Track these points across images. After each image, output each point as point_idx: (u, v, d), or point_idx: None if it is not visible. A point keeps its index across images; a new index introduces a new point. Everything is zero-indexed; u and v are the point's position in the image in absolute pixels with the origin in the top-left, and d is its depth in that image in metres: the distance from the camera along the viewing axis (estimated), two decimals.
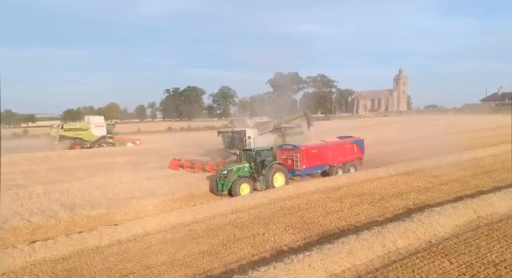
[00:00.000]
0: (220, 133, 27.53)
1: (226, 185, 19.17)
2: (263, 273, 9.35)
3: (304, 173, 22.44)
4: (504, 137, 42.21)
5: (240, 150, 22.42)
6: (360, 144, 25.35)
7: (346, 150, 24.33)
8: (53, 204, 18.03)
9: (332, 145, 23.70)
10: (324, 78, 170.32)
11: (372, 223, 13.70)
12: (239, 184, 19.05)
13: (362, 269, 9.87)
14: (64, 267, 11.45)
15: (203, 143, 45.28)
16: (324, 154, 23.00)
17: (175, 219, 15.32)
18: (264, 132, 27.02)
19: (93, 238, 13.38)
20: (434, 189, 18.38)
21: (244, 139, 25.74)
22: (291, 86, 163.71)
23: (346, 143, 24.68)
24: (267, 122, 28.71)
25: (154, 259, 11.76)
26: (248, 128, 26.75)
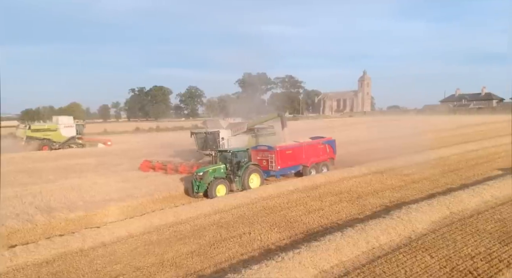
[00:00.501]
0: (193, 134, 27.05)
1: (202, 187, 19.06)
2: (256, 271, 9.58)
3: (279, 174, 22.66)
4: (464, 137, 44.46)
5: (215, 151, 22.22)
6: (332, 144, 25.90)
7: (319, 150, 24.80)
8: (28, 207, 17.52)
9: (305, 146, 24.10)
10: (292, 79, 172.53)
11: (353, 221, 14.23)
12: (215, 185, 18.95)
13: (349, 265, 10.29)
14: (49, 271, 11.26)
15: (174, 143, 44.92)
16: (298, 155, 23.35)
17: (158, 220, 15.29)
18: (238, 133, 26.98)
19: (76, 240, 13.16)
20: (407, 187, 19.22)
21: (218, 140, 25.47)
22: (260, 86, 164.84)
23: (319, 143, 25.16)
24: (240, 123, 28.65)
25: (142, 260, 11.75)
26: (222, 129, 26.50)
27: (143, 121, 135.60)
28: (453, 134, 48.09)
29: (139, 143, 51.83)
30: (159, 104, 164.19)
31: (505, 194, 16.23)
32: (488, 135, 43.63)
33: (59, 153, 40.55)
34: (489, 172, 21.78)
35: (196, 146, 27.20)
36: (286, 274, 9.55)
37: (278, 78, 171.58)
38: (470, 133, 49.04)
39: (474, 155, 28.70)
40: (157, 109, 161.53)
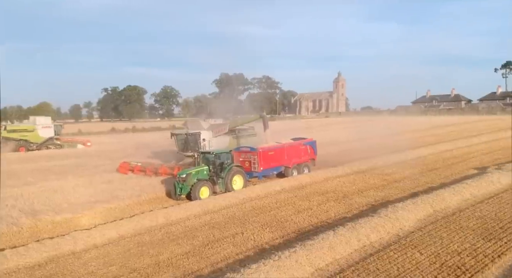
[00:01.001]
0: (173, 135, 26.42)
1: (185, 189, 18.86)
2: (255, 270, 9.79)
3: (261, 175, 22.64)
4: (438, 137, 45.94)
5: (198, 153, 21.91)
6: (313, 145, 26.20)
7: (300, 151, 24.98)
8: (11, 210, 17.08)
9: (287, 147, 24.30)
10: (269, 79, 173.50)
11: (342, 219, 14.67)
12: (198, 187, 18.73)
13: (343, 262, 10.66)
14: (43, 274, 11.17)
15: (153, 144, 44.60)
16: (280, 156, 23.48)
17: (149, 221, 15.29)
18: (219, 135, 26.72)
19: (67, 243, 13.07)
20: (389, 186, 19.85)
21: (199, 141, 25.05)
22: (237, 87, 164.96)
23: (300, 144, 25.37)
24: (222, 124, 28.30)
25: (137, 261, 11.77)
26: (203, 130, 26.04)
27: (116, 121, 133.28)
28: (427, 135, 49.60)
29: (117, 143, 51.04)
30: (133, 104, 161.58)
31: (483, 192, 17.03)
32: (460, 135, 45.20)
33: (37, 154, 39.57)
34: (465, 171, 22.70)
35: (177, 147, 26.64)
36: (284, 272, 9.81)
37: (255, 78, 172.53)
38: (443, 133, 50.69)
39: (449, 154, 29.79)
40: (131, 110, 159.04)
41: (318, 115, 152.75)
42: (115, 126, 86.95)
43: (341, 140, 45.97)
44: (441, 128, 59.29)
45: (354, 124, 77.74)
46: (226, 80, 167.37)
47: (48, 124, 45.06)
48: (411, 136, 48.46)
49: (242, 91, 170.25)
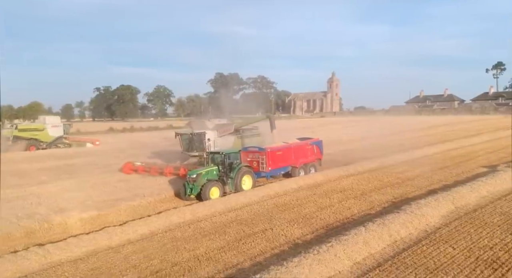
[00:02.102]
0: (178, 135, 26.34)
1: (195, 189, 18.72)
2: (298, 263, 10.17)
3: (269, 175, 22.67)
4: (438, 136, 46.57)
5: (207, 153, 21.57)
6: (319, 144, 26.26)
7: (307, 151, 25.02)
8: (37, 207, 17.44)
9: (294, 147, 24.38)
10: (264, 79, 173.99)
11: (366, 216, 15.12)
12: (209, 187, 18.61)
13: (379, 256, 11.08)
14: (88, 267, 11.49)
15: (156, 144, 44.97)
16: (287, 155, 23.49)
17: (177, 218, 15.62)
18: (224, 135, 26.64)
19: (103, 238, 13.41)
20: (404, 184, 20.34)
21: (204, 141, 24.83)
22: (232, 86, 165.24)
23: (307, 144, 25.42)
24: (227, 125, 28.37)
25: (175, 256, 12.11)
26: (208, 130, 25.87)
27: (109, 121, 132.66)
28: (427, 134, 50.30)
29: (121, 143, 51.13)
30: (126, 104, 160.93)
31: (498, 189, 17.58)
32: (460, 135, 45.94)
33: (45, 153, 39.69)
34: (475, 169, 23.28)
35: (181, 147, 26.58)
36: (325, 265, 10.22)
37: (250, 78, 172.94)
38: (442, 133, 51.45)
39: (455, 153, 30.44)
40: (124, 109, 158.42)
41: (313, 115, 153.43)
42: (112, 126, 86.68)
43: (343, 140, 46.42)
44: (439, 127, 60.15)
45: (352, 124, 78.46)
46: (221, 80, 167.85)
47: (58, 123, 45.28)
48: (411, 135, 49.20)
49: (237, 91, 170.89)
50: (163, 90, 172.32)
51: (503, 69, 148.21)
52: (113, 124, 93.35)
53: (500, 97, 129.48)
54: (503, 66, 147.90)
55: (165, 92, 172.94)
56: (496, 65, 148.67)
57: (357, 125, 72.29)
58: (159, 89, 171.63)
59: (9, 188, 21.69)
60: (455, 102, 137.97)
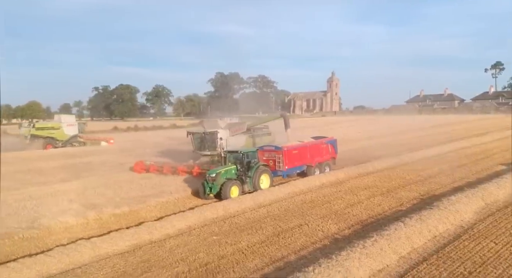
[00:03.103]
0: (190, 134, 26.17)
1: (215, 188, 18.64)
2: (346, 257, 10.41)
3: (286, 174, 22.64)
4: (446, 135, 46.95)
5: (225, 152, 21.25)
6: (334, 143, 26.36)
7: (322, 150, 25.07)
8: (70, 204, 17.64)
9: (310, 145, 24.46)
10: (264, 78, 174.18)
11: (398, 212, 15.42)
12: (229, 186, 18.53)
13: (422, 251, 11.32)
14: (136, 260, 11.76)
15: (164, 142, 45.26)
16: (303, 154, 23.54)
17: (210, 213, 15.85)
18: (236, 134, 26.51)
19: (144, 233, 13.64)
20: (427, 181, 20.60)
21: (216, 140, 24.72)
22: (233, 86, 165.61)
23: (322, 143, 25.53)
24: (240, 123, 28.29)
25: (220, 249, 12.37)
26: (220, 129, 25.70)
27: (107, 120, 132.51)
28: (434, 133, 50.63)
29: (131, 142, 51.25)
30: (125, 103, 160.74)
31: None
32: (469, 134, 46.29)
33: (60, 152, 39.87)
34: (494, 167, 23.57)
35: (193, 146, 26.51)
36: (373, 259, 10.46)
37: (251, 78, 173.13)
38: (449, 132, 51.84)
39: (469, 151, 30.76)
40: (123, 109, 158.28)
41: (313, 115, 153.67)
42: (117, 125, 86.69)
43: (352, 138, 46.51)
44: (445, 126, 60.49)
45: (356, 123, 78.75)
46: (221, 80, 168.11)
47: (73, 122, 45.66)
48: (418, 134, 49.49)
49: (238, 90, 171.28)
50: (161, 89, 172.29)
51: (501, 69, 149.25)
52: (117, 124, 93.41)
53: (500, 96, 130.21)
54: (501, 66, 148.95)
55: (164, 92, 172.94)
56: (495, 65, 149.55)
57: (361, 125, 72.63)
58: (157, 88, 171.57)
59: (34, 186, 21.92)
60: (455, 102, 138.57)
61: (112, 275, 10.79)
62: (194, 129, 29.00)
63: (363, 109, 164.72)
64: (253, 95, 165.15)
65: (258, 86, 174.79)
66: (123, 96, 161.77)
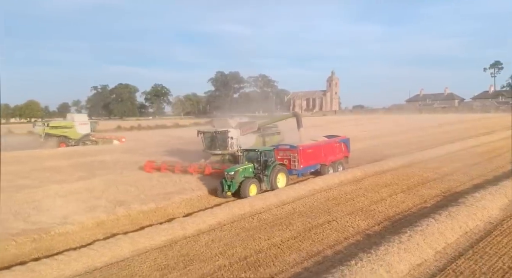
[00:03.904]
0: (200, 133, 26.07)
1: (233, 186, 18.74)
2: (385, 251, 10.66)
3: (301, 172, 22.72)
4: (453, 133, 47.38)
5: (241, 150, 21.23)
6: (347, 142, 26.48)
7: (335, 149, 25.20)
8: (96, 201, 17.91)
9: (324, 144, 24.65)
10: (265, 78, 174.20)
11: (423, 209, 15.71)
12: (248, 185, 18.62)
13: (457, 246, 11.60)
14: (175, 254, 12.00)
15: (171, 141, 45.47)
16: (318, 153, 23.64)
17: (238, 210, 16.11)
18: (247, 133, 26.47)
19: (177, 228, 13.89)
20: (445, 179, 20.87)
21: (227, 140, 24.75)
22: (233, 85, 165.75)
23: (335, 142, 25.65)
24: (250, 123, 28.15)
25: (255, 244, 12.63)
26: (231, 128, 25.61)
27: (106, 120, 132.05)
28: (440, 131, 51.16)
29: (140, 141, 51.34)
30: (124, 103, 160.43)
31: None
32: (475, 132, 46.76)
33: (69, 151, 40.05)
34: (508, 165, 23.87)
35: (203, 145, 26.39)
36: (411, 253, 10.73)
37: (251, 77, 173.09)
38: (455, 130, 52.33)
39: (480, 150, 31.12)
40: (122, 108, 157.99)
41: (313, 114, 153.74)
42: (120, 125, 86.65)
43: (359, 137, 46.19)
44: (448, 125, 60.96)
45: (359, 122, 78.90)
46: (221, 79, 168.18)
47: (85, 121, 46.05)
48: (425, 133, 49.89)
49: (238, 89, 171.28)
50: (160, 89, 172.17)
51: (500, 68, 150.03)
52: (120, 123, 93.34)
53: (500, 96, 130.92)
54: (500, 65, 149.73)
55: (163, 91, 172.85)
56: (494, 64, 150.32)
57: (365, 124, 72.90)
58: (156, 88, 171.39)
59: (55, 183, 22.04)
60: (455, 101, 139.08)
61: (155, 268, 11.03)
62: (204, 128, 28.88)
63: (362, 108, 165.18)
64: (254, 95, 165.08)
65: (258, 85, 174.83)
66: (122, 95, 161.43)
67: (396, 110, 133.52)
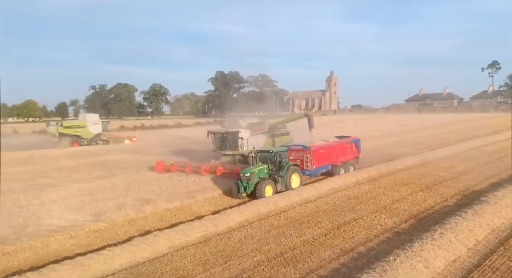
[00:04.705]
0: (211, 134, 26.07)
1: (249, 188, 18.78)
2: (420, 248, 11.01)
3: (313, 173, 22.78)
4: (459, 133, 47.96)
5: (255, 151, 20.97)
6: (357, 143, 26.62)
7: (347, 149, 25.31)
8: (123, 199, 18.40)
9: (336, 145, 24.76)
10: (265, 77, 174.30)
11: (446, 207, 16.09)
12: (264, 185, 18.63)
13: (487, 243, 12.00)
14: (212, 250, 12.37)
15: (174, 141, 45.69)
16: (329, 154, 23.61)
17: (263, 208, 16.44)
18: (257, 133, 26.42)
19: (209, 225, 14.22)
20: (461, 178, 21.26)
21: (238, 140, 24.75)
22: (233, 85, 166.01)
23: (347, 143, 25.80)
24: (261, 123, 28.09)
25: (287, 241, 12.92)
26: (241, 129, 25.60)
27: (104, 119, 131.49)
28: (446, 131, 51.65)
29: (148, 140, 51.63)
30: (123, 102, 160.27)
31: None
32: (480, 132, 47.36)
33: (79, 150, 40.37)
34: None
35: (213, 145, 26.44)
36: (445, 250, 11.11)
37: (251, 77, 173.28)
38: (460, 130, 52.86)
39: (489, 149, 31.61)
40: (121, 107, 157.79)
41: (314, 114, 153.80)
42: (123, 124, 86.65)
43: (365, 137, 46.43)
44: (453, 125, 61.35)
45: (362, 121, 79.05)
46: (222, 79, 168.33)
47: (97, 121, 46.33)
48: (429, 133, 50.19)
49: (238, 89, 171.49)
50: (158, 88, 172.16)
51: (498, 68, 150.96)
52: (123, 123, 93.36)
53: (499, 95, 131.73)
54: (498, 65, 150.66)
55: (161, 91, 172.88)
56: (492, 64, 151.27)
57: (369, 123, 73.18)
58: (155, 87, 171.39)
59: (75, 182, 22.39)
60: (455, 101, 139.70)
61: (196, 263, 11.36)
62: (215, 129, 28.74)
63: (361, 108, 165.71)
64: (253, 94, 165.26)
65: (258, 85, 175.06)
66: (121, 95, 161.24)
67: (396, 110, 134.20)
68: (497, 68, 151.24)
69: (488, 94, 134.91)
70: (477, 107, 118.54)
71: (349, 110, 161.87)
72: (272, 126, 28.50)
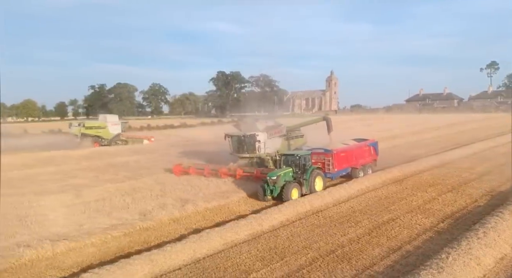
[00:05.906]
0: (228, 137, 26.09)
1: (276, 190, 19.04)
2: (468, 246, 11.56)
3: (334, 176, 23.03)
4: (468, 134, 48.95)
5: (279, 155, 21.31)
6: (375, 145, 26.96)
7: (365, 152, 25.42)
8: (162, 199, 19.10)
9: (355, 148, 25.10)
10: (266, 78, 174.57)
11: (478, 207, 16.71)
12: (290, 188, 18.90)
13: None
14: (263, 247, 12.94)
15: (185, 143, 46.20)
16: (350, 157, 23.88)
17: (300, 208, 17.01)
18: (274, 136, 26.52)
19: (255, 224, 14.75)
20: (485, 179, 21.89)
21: (256, 143, 24.89)
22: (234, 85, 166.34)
23: (365, 145, 26.10)
24: (278, 126, 28.03)
25: (333, 239, 13.47)
26: (258, 132, 25.59)
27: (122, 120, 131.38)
28: (454, 132, 52.66)
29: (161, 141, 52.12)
30: (123, 102, 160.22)
31: None
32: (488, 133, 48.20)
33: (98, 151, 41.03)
34: None
35: (230, 148, 26.51)
36: (492, 248, 11.72)
37: (253, 77, 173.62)
38: (468, 130, 53.91)
39: (502, 150, 32.36)
40: (121, 107, 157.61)
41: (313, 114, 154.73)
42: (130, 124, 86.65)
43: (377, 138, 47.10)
44: (460, 126, 62.12)
45: (368, 122, 79.23)
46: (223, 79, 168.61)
47: (116, 121, 47.05)
48: (439, 134, 50.75)
49: (239, 89, 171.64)
50: (158, 88, 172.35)
51: (496, 68, 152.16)
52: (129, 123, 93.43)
53: (499, 96, 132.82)
54: (496, 66, 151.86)
55: (161, 90, 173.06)
56: (490, 65, 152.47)
57: (375, 123, 73.74)
58: (154, 87, 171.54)
59: (108, 183, 22.92)
60: (455, 101, 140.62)
61: (255, 259, 11.95)
62: (232, 131, 28.26)
63: (361, 108, 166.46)
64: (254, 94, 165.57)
65: (259, 85, 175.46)
66: (121, 95, 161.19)
67: (396, 110, 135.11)
68: (496, 69, 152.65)
69: (488, 95, 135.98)
70: (477, 108, 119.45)
71: (349, 110, 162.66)
72: (290, 129, 28.60)
